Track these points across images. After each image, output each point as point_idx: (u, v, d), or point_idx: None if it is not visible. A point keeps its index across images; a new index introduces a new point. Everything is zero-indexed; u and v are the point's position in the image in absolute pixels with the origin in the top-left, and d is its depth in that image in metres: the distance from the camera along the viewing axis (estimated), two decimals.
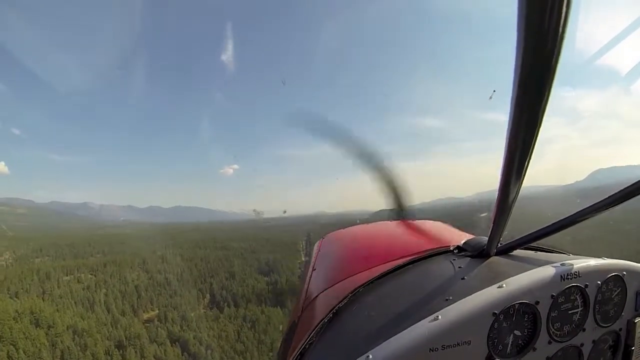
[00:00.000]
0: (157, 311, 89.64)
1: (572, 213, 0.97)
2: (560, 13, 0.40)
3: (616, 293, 1.14)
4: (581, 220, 0.96)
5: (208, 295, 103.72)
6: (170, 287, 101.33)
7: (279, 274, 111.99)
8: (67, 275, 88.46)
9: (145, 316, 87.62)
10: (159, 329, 75.39)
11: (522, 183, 0.73)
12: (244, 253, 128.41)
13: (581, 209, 0.95)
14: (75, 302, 76.61)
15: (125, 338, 65.81)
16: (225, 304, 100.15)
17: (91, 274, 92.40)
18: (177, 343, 70.43)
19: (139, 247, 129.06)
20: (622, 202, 0.86)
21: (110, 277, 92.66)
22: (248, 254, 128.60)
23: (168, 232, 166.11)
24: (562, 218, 1.00)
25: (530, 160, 0.66)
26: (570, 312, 1.05)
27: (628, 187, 0.83)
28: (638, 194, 0.82)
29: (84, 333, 61.55)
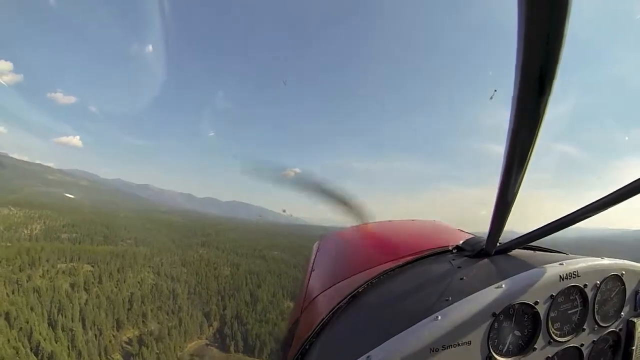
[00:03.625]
0: (142, 330, 71.27)
1: (571, 212, 0.96)
2: (561, 12, 0.40)
3: (615, 293, 1.14)
4: (581, 220, 0.95)
5: (216, 324, 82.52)
6: (175, 301, 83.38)
7: None
8: (64, 263, 75.87)
9: (128, 335, 69.94)
10: None
11: (521, 183, 0.74)
12: (282, 267, 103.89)
13: (580, 208, 0.94)
14: (40, 303, 60.67)
15: None
16: (233, 342, 77.05)
17: (92, 266, 78.88)
18: None
19: (173, 240, 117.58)
20: (621, 202, 0.85)
21: (109, 276, 77.53)
22: (287, 269, 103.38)
23: (215, 225, 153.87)
24: (561, 217, 0.99)
25: (530, 161, 0.66)
26: (569, 312, 1.05)
27: (627, 185, 0.83)
28: (637, 193, 0.82)
29: None
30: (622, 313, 1.16)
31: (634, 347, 1.18)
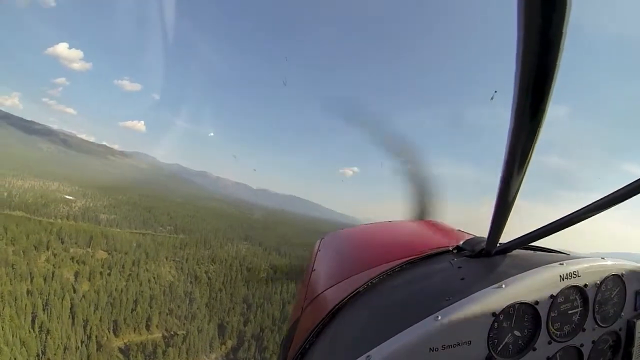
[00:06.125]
0: (140, 338, 59.64)
1: (571, 212, 0.96)
2: (561, 11, 0.40)
3: (615, 293, 1.15)
4: (581, 220, 0.95)
5: (231, 342, 67.50)
6: (190, 305, 71.16)
7: None
8: (80, 247, 68.93)
9: (125, 340, 58.98)
10: None
11: (522, 183, 0.74)
12: None
13: (580, 208, 0.94)
14: (28, 295, 52.02)
15: None
16: None
17: (108, 253, 70.95)
18: None
19: (216, 230, 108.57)
20: (622, 202, 0.86)
21: (122, 267, 68.28)
22: None
23: (265, 218, 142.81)
24: (561, 217, 0.99)
25: (530, 161, 0.66)
26: (570, 312, 1.06)
27: (628, 185, 0.83)
28: (638, 193, 0.82)
29: None
30: (622, 313, 1.16)
31: (634, 348, 1.18)
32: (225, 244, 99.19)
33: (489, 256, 1.19)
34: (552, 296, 0.99)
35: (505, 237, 1.09)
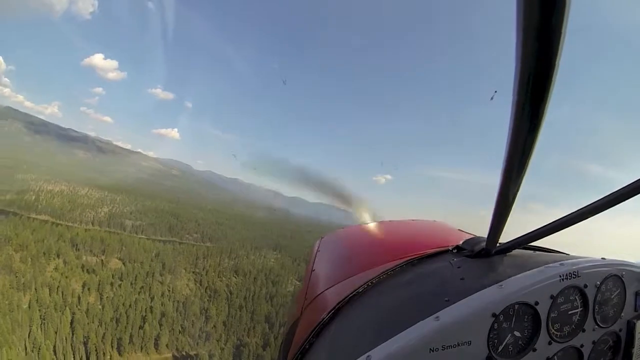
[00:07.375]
0: (151, 356, 52.61)
1: (571, 212, 0.97)
2: (561, 11, 0.40)
3: (615, 293, 1.16)
4: (581, 220, 0.96)
5: None
6: (206, 323, 63.69)
7: None
8: (94, 255, 64.84)
9: None
10: None
11: (521, 183, 0.74)
12: None
13: (580, 208, 0.94)
14: (28, 307, 47.33)
15: None
16: None
17: (123, 263, 66.20)
18: None
19: (244, 239, 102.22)
20: (621, 202, 0.86)
21: (135, 278, 62.86)
22: None
23: (296, 227, 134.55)
24: (561, 218, 1.00)
25: (530, 161, 0.66)
26: (569, 312, 1.06)
27: (628, 186, 0.84)
28: (638, 194, 0.82)
29: None
30: (622, 314, 1.17)
31: (634, 348, 1.19)
32: (252, 253, 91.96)
33: (488, 256, 1.19)
34: (552, 296, 0.99)
35: (506, 237, 1.08)
